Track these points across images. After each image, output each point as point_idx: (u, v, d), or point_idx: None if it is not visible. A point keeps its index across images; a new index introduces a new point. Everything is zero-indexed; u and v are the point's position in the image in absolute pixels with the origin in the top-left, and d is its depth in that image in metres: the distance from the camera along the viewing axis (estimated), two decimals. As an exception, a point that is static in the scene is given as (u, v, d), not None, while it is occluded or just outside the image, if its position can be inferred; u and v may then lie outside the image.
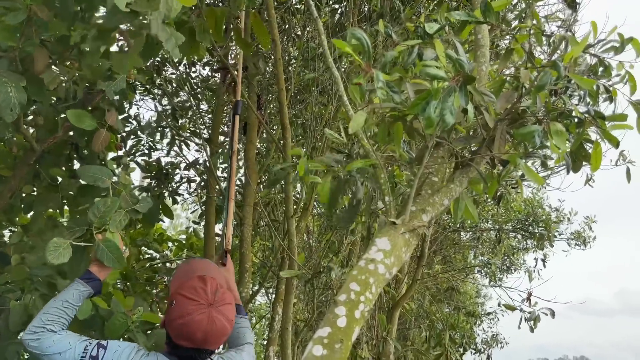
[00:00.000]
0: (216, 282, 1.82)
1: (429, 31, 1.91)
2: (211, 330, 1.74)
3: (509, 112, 2.01)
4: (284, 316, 3.78)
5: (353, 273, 1.60)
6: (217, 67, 4.88)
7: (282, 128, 3.72)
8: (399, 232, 1.76)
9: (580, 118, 2.09)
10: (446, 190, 2.02)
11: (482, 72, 2.37)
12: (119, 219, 2.35)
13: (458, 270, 7.85)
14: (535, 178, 1.86)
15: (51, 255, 2.05)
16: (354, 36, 1.62)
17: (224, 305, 1.78)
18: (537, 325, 4.35)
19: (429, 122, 1.58)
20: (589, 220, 8.12)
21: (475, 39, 2.48)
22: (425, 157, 1.94)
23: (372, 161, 1.96)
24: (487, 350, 8.71)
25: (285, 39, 5.00)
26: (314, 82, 4.33)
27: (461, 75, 1.64)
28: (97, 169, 2.60)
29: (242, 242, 3.85)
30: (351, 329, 1.45)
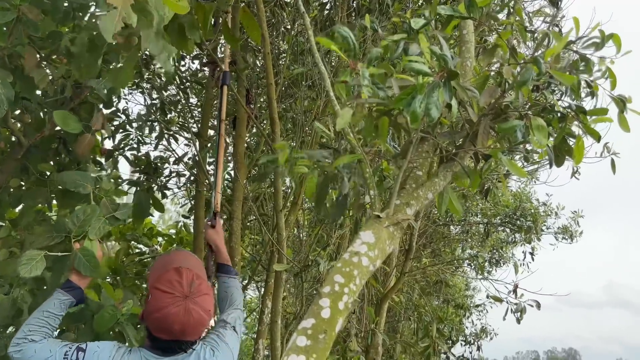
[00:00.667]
0: (192, 274, 1.84)
1: (414, 26, 1.93)
2: (188, 322, 1.76)
3: (493, 107, 2.04)
4: (273, 309, 3.80)
5: (337, 265, 1.63)
6: (206, 61, 4.87)
7: (271, 122, 3.73)
8: (383, 225, 1.79)
9: (563, 113, 2.13)
10: (430, 184, 2.05)
11: (467, 67, 2.40)
12: (98, 227, 2.34)
13: (446, 263, 7.93)
14: (518, 172, 1.89)
15: (24, 269, 2.02)
16: (339, 34, 1.64)
17: (201, 297, 1.79)
18: (522, 317, 4.41)
19: (413, 116, 1.61)
20: (576, 215, 8.23)
21: (460, 34, 2.50)
22: (410, 152, 1.97)
23: (358, 156, 1.98)
24: (477, 341, 8.81)
25: (275, 33, 5.00)
26: (303, 76, 4.34)
27: (445, 70, 1.67)
28: (78, 175, 2.59)
29: (231, 235, 3.86)
30: (335, 320, 1.48)
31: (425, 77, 1.65)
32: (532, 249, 8.16)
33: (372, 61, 1.68)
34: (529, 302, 4.29)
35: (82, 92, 3.54)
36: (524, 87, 1.82)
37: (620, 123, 2.25)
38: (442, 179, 2.09)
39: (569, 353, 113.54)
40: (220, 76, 4.18)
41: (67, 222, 2.30)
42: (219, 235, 2.55)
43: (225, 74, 3.06)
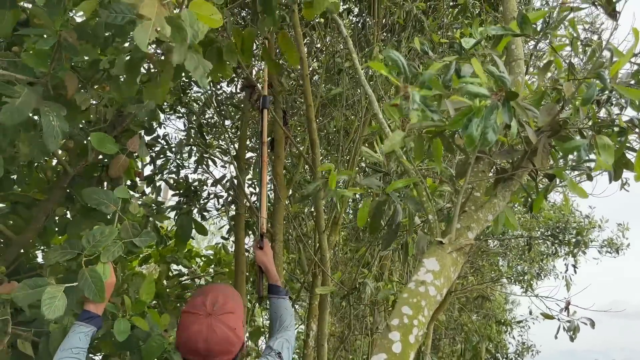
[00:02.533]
0: (217, 295, 1.84)
1: (465, 46, 1.89)
2: (212, 339, 1.74)
3: (550, 123, 1.98)
4: (319, 333, 3.75)
5: (404, 296, 1.58)
6: (243, 84, 4.92)
7: (311, 144, 3.72)
8: (446, 251, 1.74)
9: (622, 127, 2.05)
10: (490, 205, 1.99)
11: (518, 83, 2.34)
12: (114, 250, 2.28)
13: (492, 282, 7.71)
14: (580, 192, 1.82)
15: (47, 310, 1.95)
16: (389, 58, 1.61)
17: (224, 314, 1.79)
18: (576, 335, 4.24)
19: (470, 140, 1.57)
20: (623, 228, 7.92)
21: (509, 50, 2.45)
22: (468, 173, 1.92)
23: (414, 179, 1.94)
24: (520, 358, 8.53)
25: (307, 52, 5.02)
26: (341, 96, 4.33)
27: (504, 91, 1.62)
28: (102, 193, 2.56)
29: (275, 257, 3.84)
30: (407, 354, 1.43)
31: (483, 99, 1.61)
32: (575, 262, 7.89)
33: (424, 84, 1.65)
34: (583, 320, 4.12)
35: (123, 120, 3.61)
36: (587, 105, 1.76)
37: (683, 136, 2.15)
38: (501, 199, 2.03)
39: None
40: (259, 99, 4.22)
41: (81, 241, 2.25)
42: (268, 257, 2.56)
43: (264, 98, 3.09)
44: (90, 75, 2.84)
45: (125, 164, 3.10)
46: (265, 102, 3.05)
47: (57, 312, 2.04)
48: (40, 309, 2.02)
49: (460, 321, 7.32)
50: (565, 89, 1.78)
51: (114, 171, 3.08)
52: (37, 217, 3.49)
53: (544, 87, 2.10)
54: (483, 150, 2.07)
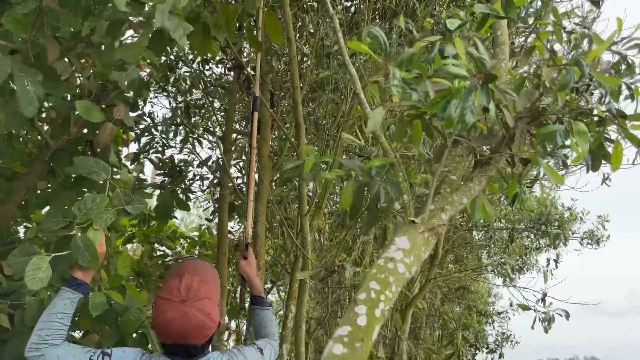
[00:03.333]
0: (192, 279, 1.85)
1: (450, 27, 1.89)
2: (186, 325, 1.77)
3: (529, 110, 1.99)
4: (297, 314, 3.77)
5: (373, 272, 1.59)
6: (231, 65, 4.88)
7: (296, 126, 3.71)
8: (418, 230, 1.75)
9: (601, 117, 2.06)
10: (465, 188, 2.00)
11: (502, 69, 2.35)
12: (106, 217, 2.24)
13: (471, 271, 7.80)
14: (556, 178, 1.84)
15: (30, 281, 1.94)
16: (370, 34, 1.60)
17: (199, 300, 1.80)
18: (551, 326, 4.31)
19: (449, 121, 1.57)
20: (603, 220, 8.04)
21: (494, 35, 2.45)
22: (445, 156, 1.93)
23: (391, 160, 1.95)
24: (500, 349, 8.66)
25: (298, 36, 4.99)
26: (328, 80, 4.32)
27: (483, 73, 1.62)
28: (94, 162, 2.53)
29: (256, 240, 3.84)
30: (372, 327, 1.44)
31: (462, 80, 1.61)
32: (557, 256, 8.00)
33: (404, 62, 1.64)
34: (558, 312, 4.19)
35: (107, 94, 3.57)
36: (564, 91, 1.76)
37: (661, 128, 2.17)
38: (477, 183, 2.04)
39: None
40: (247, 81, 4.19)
41: (73, 208, 2.23)
42: (252, 267, 2.53)
43: (255, 99, 2.88)
44: (72, 45, 2.80)
45: (113, 132, 3.06)
46: (256, 104, 2.85)
47: (40, 284, 2.02)
48: (24, 279, 2.00)
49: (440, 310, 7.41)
50: (545, 75, 1.79)
51: (102, 138, 3.02)
52: (18, 190, 3.46)
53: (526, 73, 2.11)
54: (462, 135, 2.08)
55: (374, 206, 2.05)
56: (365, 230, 2.13)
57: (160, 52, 3.27)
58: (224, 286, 4.02)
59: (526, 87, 2.01)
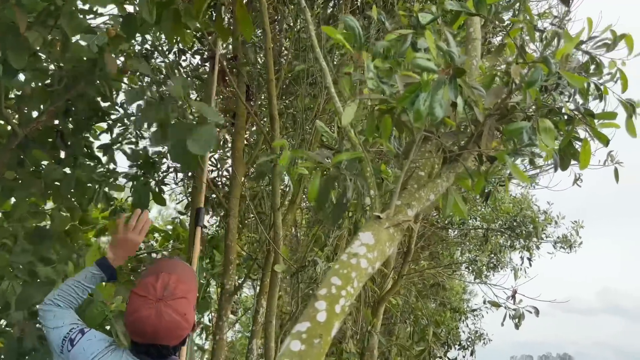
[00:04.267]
0: (169, 277, 1.82)
1: (422, 21, 1.87)
2: (159, 324, 1.74)
3: (498, 107, 1.98)
4: (267, 309, 3.74)
5: (335, 267, 1.57)
6: (206, 55, 4.81)
7: (271, 119, 3.67)
8: (383, 226, 1.73)
9: (570, 115, 2.07)
10: (432, 185, 1.99)
11: (473, 66, 2.34)
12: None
13: (444, 267, 7.88)
14: (521, 176, 1.84)
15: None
16: (345, 24, 1.57)
17: (175, 300, 1.77)
18: (521, 322, 4.36)
19: (417, 115, 1.55)
20: (577, 225, 8.14)
21: (467, 32, 2.44)
22: (412, 151, 1.91)
23: (358, 154, 1.92)
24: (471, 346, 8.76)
25: (277, 29, 4.94)
26: (305, 73, 4.28)
27: (451, 67, 1.61)
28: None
29: (228, 233, 3.80)
30: (331, 324, 1.41)
31: (431, 74, 1.59)
32: (530, 255, 8.11)
33: (377, 54, 1.62)
34: (528, 309, 4.24)
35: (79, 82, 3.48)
36: (532, 88, 1.76)
37: (628, 128, 2.19)
38: (445, 180, 2.03)
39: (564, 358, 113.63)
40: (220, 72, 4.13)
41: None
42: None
43: (199, 210, 2.72)
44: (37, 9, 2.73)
45: (115, 64, 3.01)
46: (199, 218, 2.66)
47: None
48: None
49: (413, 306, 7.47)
50: (513, 72, 1.78)
51: (111, 66, 2.94)
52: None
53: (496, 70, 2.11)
54: (431, 131, 2.06)
55: (341, 200, 2.03)
56: (332, 222, 2.10)
57: (132, 36, 3.21)
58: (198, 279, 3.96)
59: (496, 84, 2.00)
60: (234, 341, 8.28)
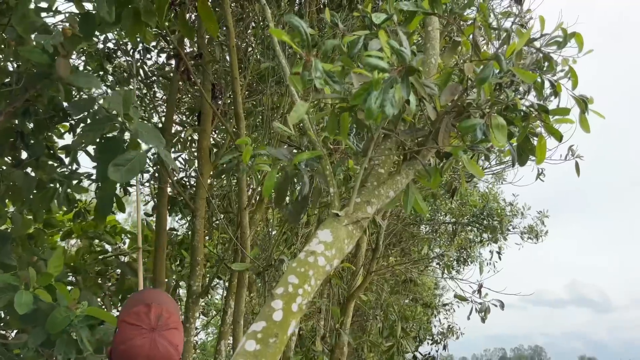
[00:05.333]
0: (162, 308, 1.77)
1: (375, 21, 1.88)
2: (154, 355, 1.67)
3: (455, 105, 2.01)
4: (235, 309, 3.72)
5: (292, 266, 1.57)
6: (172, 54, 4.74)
7: (236, 118, 3.64)
8: (342, 224, 1.74)
9: (525, 112, 2.12)
10: (392, 182, 2.01)
11: (432, 64, 2.37)
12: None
13: (412, 262, 7.97)
14: (476, 171, 1.87)
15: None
16: (292, 24, 1.57)
17: (168, 330, 1.72)
18: (487, 316, 4.44)
19: (369, 113, 1.56)
20: (542, 215, 8.35)
21: (425, 31, 2.47)
22: (370, 149, 1.93)
23: (318, 153, 1.93)
24: (444, 340, 8.88)
25: (244, 27, 4.90)
26: (271, 71, 4.26)
27: (403, 66, 1.62)
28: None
29: (194, 234, 3.76)
30: (287, 322, 1.42)
31: (382, 72, 1.60)
32: (499, 248, 8.26)
33: (326, 54, 1.62)
34: (493, 302, 4.32)
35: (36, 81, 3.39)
36: (485, 85, 1.79)
37: (581, 123, 2.25)
38: (405, 176, 2.05)
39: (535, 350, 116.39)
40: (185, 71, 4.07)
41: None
42: None
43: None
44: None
45: (68, 65, 2.91)
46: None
47: None
48: None
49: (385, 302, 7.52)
50: (466, 69, 1.81)
51: (62, 72, 2.85)
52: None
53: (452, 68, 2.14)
54: (390, 129, 2.08)
55: (301, 197, 2.03)
56: (292, 219, 2.10)
57: (90, 36, 3.14)
58: (161, 281, 3.91)
59: (452, 81, 2.03)
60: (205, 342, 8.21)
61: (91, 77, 3.04)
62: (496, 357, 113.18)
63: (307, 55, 1.60)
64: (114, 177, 2.30)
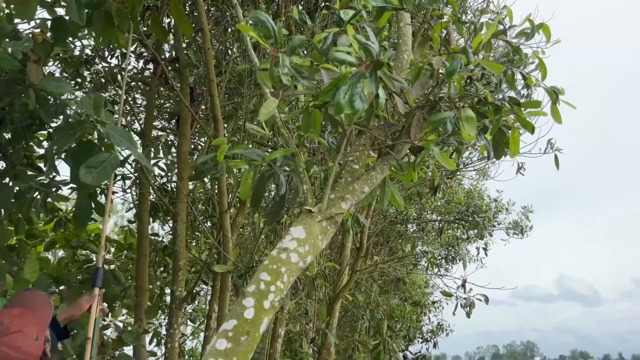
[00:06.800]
0: (10, 312, 1.96)
1: (343, 18, 1.88)
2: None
3: (427, 99, 2.02)
4: (219, 313, 3.69)
5: (264, 263, 1.56)
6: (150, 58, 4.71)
7: (214, 120, 3.62)
8: (315, 220, 1.73)
9: (498, 105, 2.13)
10: (367, 177, 2.00)
11: (404, 60, 2.37)
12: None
13: (397, 260, 7.98)
14: (448, 163, 1.87)
15: None
16: (258, 20, 1.56)
17: (7, 335, 1.91)
18: (472, 311, 4.45)
19: (338, 108, 1.55)
20: (526, 210, 8.42)
21: (397, 27, 2.48)
22: (343, 145, 1.92)
23: (291, 150, 1.92)
24: (433, 338, 8.89)
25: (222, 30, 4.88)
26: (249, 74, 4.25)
27: (371, 60, 1.62)
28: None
29: (176, 239, 3.73)
30: (259, 320, 1.40)
31: (349, 66, 1.60)
32: (485, 245, 8.30)
33: (294, 50, 1.62)
34: (478, 297, 4.33)
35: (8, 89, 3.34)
36: (455, 78, 1.80)
37: (553, 114, 2.26)
38: (379, 172, 2.05)
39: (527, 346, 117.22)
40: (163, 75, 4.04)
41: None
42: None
43: (97, 271, 2.55)
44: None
45: (40, 71, 2.90)
46: (97, 279, 2.51)
47: None
48: None
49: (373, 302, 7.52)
50: (435, 62, 1.82)
51: (34, 78, 2.84)
52: None
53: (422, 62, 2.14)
54: (364, 125, 2.08)
55: (278, 197, 2.02)
56: (270, 220, 2.09)
57: (62, 41, 3.10)
58: (144, 288, 3.87)
59: (423, 76, 2.03)
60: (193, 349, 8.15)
61: (63, 82, 3.00)
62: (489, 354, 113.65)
63: (274, 51, 1.59)
64: (86, 180, 2.28)
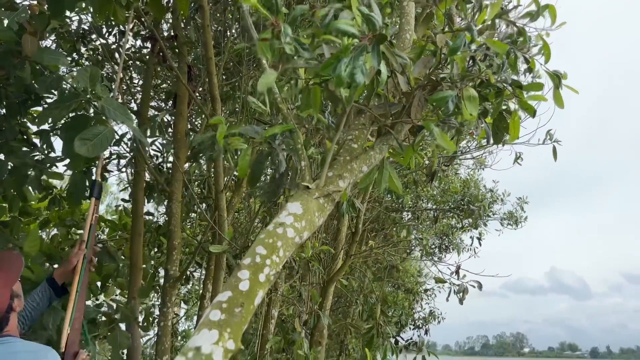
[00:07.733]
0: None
1: (347, -9, 1.84)
2: None
3: (428, 78, 1.99)
4: (213, 293, 3.68)
5: (261, 237, 1.54)
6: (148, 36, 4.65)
7: (212, 99, 3.58)
8: (312, 196, 1.71)
9: (499, 87, 2.10)
10: (365, 156, 1.98)
11: (407, 39, 2.34)
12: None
13: (392, 246, 8.01)
14: (447, 144, 1.85)
15: None
16: (259, -13, 1.53)
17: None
18: (465, 297, 4.47)
19: (338, 81, 1.52)
20: (522, 201, 8.44)
21: (400, 6, 2.44)
22: (342, 123, 1.90)
23: (290, 126, 1.89)
24: (425, 325, 8.95)
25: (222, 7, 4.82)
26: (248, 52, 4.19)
27: (374, 33, 1.59)
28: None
29: (171, 218, 3.70)
30: (254, 292, 1.38)
31: (351, 38, 1.56)
32: (480, 234, 8.33)
33: (295, 19, 1.59)
34: (471, 283, 4.34)
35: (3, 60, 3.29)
36: (457, 57, 1.77)
37: (555, 99, 2.24)
38: (378, 152, 2.02)
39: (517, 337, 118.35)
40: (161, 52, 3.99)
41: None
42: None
43: (94, 183, 2.55)
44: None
45: (35, 43, 2.86)
46: (94, 190, 2.51)
47: None
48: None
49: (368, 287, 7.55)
50: (438, 40, 1.79)
51: (29, 50, 2.81)
52: None
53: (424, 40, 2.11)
54: (364, 103, 2.06)
55: (277, 175, 2.00)
56: (268, 198, 2.07)
57: (59, 14, 3.05)
58: (138, 267, 3.85)
59: (426, 55, 2.00)
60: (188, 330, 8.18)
61: (58, 54, 2.96)
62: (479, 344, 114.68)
63: (277, 22, 1.56)
64: (80, 151, 2.25)
